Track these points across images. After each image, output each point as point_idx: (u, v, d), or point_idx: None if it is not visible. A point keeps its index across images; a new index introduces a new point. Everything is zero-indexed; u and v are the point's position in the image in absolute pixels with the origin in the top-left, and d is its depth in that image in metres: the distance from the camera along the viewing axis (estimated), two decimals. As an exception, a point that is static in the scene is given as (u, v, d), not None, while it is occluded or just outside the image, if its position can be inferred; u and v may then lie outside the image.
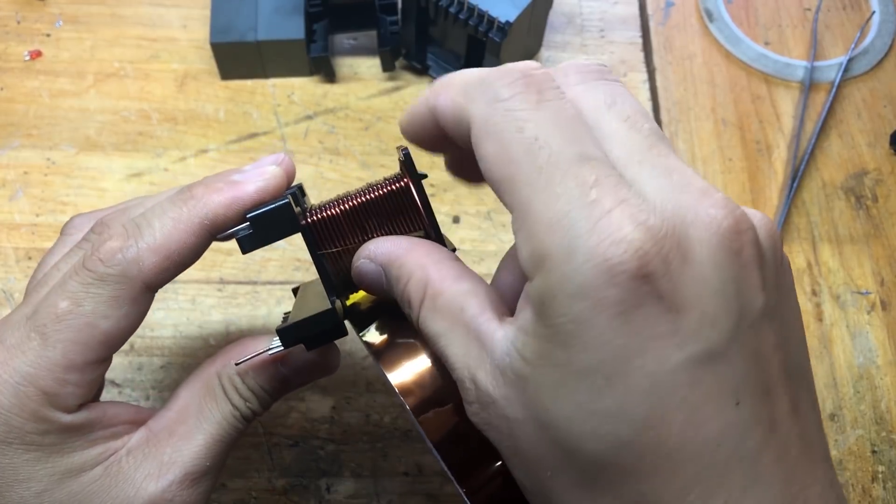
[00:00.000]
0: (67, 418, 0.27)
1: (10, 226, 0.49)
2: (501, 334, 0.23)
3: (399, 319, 0.29)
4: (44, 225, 0.49)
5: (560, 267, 0.20)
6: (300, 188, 0.32)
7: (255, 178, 0.29)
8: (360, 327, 0.30)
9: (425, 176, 0.29)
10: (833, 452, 0.44)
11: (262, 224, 0.28)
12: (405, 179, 0.29)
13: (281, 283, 0.48)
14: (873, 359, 0.46)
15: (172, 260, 0.28)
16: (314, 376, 0.32)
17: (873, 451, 0.44)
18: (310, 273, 0.48)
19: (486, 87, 0.23)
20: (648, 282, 0.20)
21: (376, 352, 0.29)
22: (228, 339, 0.46)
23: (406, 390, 0.27)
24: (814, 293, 0.48)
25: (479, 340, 0.23)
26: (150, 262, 0.27)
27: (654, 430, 0.20)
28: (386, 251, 0.27)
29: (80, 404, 0.28)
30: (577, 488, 0.22)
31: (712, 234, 0.21)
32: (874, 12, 0.59)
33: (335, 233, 0.29)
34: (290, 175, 0.31)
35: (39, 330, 0.27)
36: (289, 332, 0.28)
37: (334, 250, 0.29)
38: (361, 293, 0.31)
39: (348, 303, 0.31)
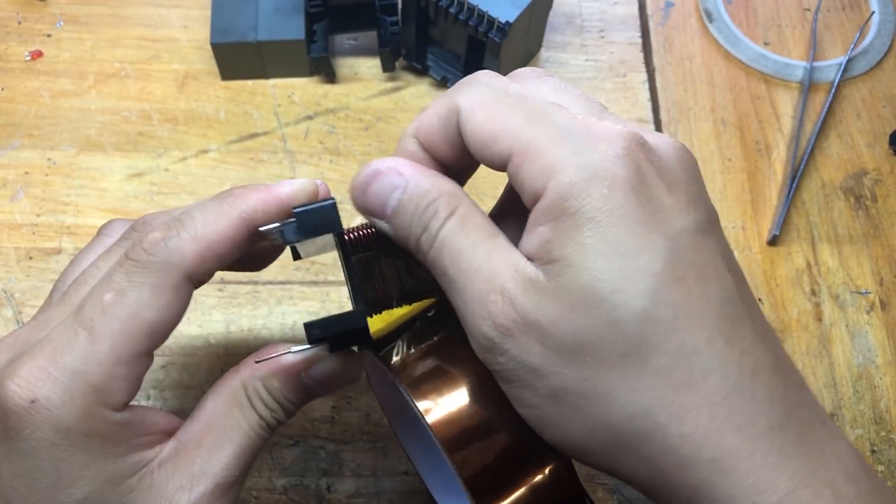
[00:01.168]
0: (116, 416, 0.27)
1: (11, 226, 0.49)
2: (524, 248, 0.25)
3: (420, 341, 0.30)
4: (44, 225, 0.50)
5: (573, 163, 0.24)
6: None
7: (290, 184, 0.30)
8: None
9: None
10: (832, 452, 0.44)
11: (306, 219, 0.29)
12: None
13: (281, 282, 0.48)
14: (872, 359, 0.46)
15: (213, 251, 0.28)
16: (336, 386, 0.31)
17: (872, 451, 0.44)
18: (309, 272, 0.48)
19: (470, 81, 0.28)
20: (648, 163, 0.25)
21: (397, 373, 0.30)
22: (229, 338, 0.46)
23: (429, 411, 0.28)
24: (813, 293, 0.48)
25: (505, 256, 0.25)
26: (191, 251, 0.28)
27: (680, 285, 0.24)
28: (418, 168, 0.28)
29: (126, 402, 0.28)
30: (622, 361, 0.24)
31: (669, 143, 0.27)
32: (874, 12, 0.59)
33: (368, 246, 0.30)
34: (325, 194, 0.31)
35: (86, 325, 0.27)
36: (315, 327, 0.29)
37: (367, 254, 0.30)
38: (378, 320, 0.31)
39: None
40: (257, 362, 0.30)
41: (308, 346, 0.29)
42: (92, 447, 0.27)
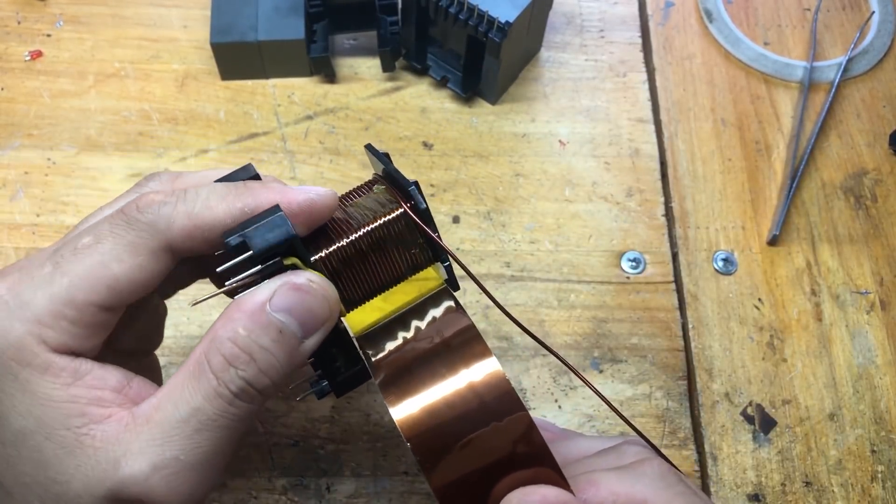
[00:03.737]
0: (53, 356, 0.26)
1: (11, 226, 0.49)
2: None
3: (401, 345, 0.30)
4: (44, 225, 0.50)
5: None
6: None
7: (307, 191, 0.29)
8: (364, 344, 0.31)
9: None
10: (832, 452, 0.44)
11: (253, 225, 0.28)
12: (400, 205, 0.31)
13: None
14: (872, 358, 0.46)
15: (202, 231, 0.28)
16: (312, 316, 0.28)
17: (872, 451, 0.44)
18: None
19: (649, 472, 0.30)
20: None
21: (373, 368, 0.30)
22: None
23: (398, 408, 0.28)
24: (813, 293, 0.48)
25: None
26: (180, 224, 0.27)
27: None
28: None
29: (72, 348, 0.27)
30: None
31: None
32: (874, 12, 0.59)
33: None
34: (333, 206, 0.30)
35: (54, 259, 0.27)
36: (229, 234, 0.27)
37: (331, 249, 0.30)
38: (371, 313, 0.31)
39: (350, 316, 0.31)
40: (193, 305, 0.29)
41: (231, 262, 0.27)
42: (23, 378, 0.26)
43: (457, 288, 0.33)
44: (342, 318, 0.31)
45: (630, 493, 0.29)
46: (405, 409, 0.28)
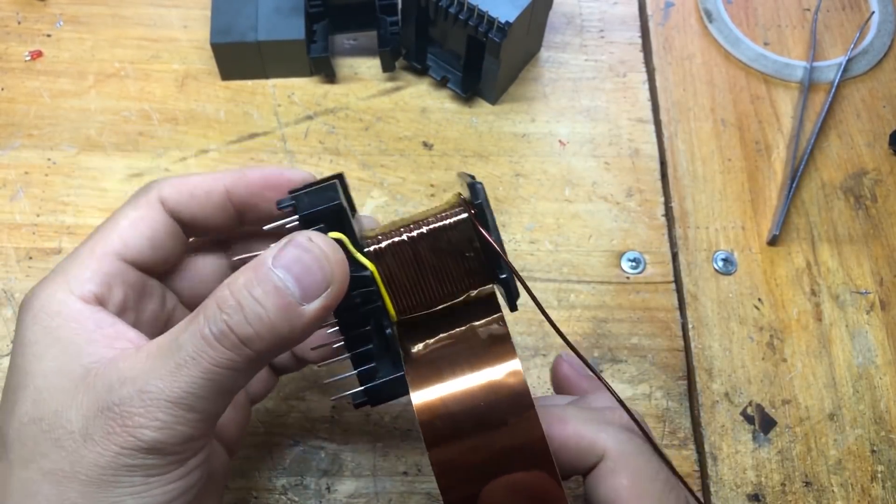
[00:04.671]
0: (76, 305, 0.30)
1: (11, 226, 0.49)
2: None
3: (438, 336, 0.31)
4: (44, 225, 0.50)
5: None
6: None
7: (297, 171, 0.34)
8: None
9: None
10: (832, 452, 0.44)
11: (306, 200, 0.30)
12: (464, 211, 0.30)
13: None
14: (872, 359, 0.46)
15: (189, 190, 0.33)
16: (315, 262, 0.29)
17: (872, 451, 0.44)
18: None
19: (619, 428, 0.32)
20: None
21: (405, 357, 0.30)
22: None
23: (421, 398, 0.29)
24: (813, 293, 0.48)
25: None
26: (168, 184, 0.33)
27: None
28: None
29: (95, 294, 0.30)
30: None
31: None
32: (873, 12, 0.59)
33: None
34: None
35: (87, 238, 0.32)
36: (299, 200, 0.30)
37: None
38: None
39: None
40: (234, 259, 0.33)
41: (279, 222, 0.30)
42: (53, 326, 0.29)
43: (514, 308, 0.32)
44: (388, 321, 0.31)
45: (592, 440, 0.31)
46: (423, 395, 0.29)
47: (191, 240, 0.35)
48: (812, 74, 0.56)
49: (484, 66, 0.52)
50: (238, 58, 0.53)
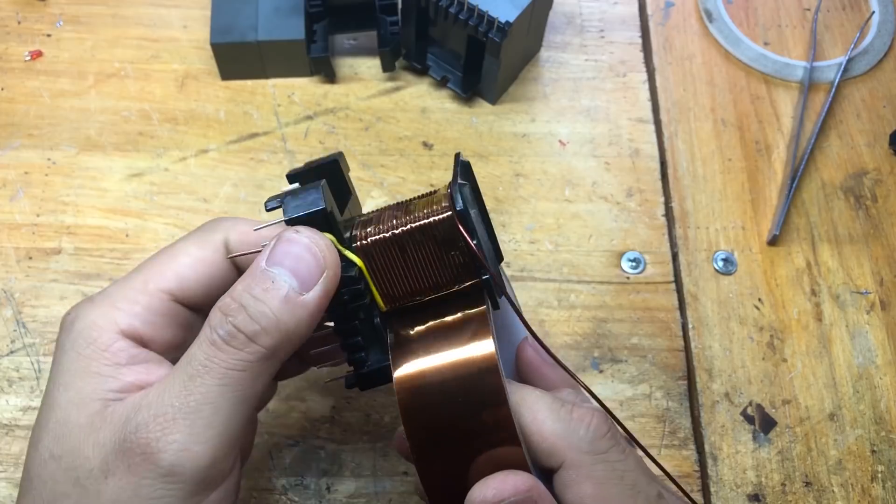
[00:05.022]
0: (114, 337, 0.29)
1: (11, 226, 0.49)
2: None
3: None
4: (44, 225, 0.50)
5: None
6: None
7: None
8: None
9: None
10: (833, 452, 0.44)
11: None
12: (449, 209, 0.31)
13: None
14: (872, 359, 0.46)
15: (257, 246, 0.31)
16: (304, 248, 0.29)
17: (873, 451, 0.44)
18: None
19: (581, 432, 0.30)
20: None
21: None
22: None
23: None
24: (813, 293, 0.48)
25: None
26: (239, 228, 0.32)
27: None
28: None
29: (140, 336, 0.29)
30: None
31: None
32: (874, 12, 0.59)
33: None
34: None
35: (141, 265, 0.32)
36: (270, 200, 0.30)
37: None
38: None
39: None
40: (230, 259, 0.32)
41: (268, 223, 0.30)
42: (85, 354, 0.29)
43: (496, 306, 0.32)
44: (377, 311, 0.31)
45: (554, 445, 0.30)
46: (403, 371, 0.30)
47: None
48: (812, 74, 0.56)
49: (484, 66, 0.52)
50: (238, 58, 0.53)
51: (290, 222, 0.30)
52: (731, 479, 0.43)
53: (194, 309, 0.32)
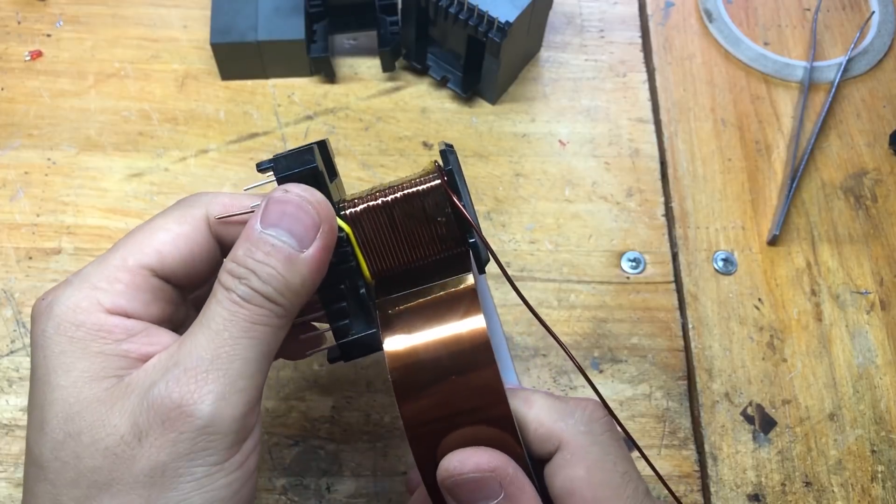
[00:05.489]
0: (103, 317, 0.28)
1: (11, 226, 0.49)
2: None
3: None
4: (44, 225, 0.50)
5: None
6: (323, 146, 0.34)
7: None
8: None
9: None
10: (832, 452, 0.44)
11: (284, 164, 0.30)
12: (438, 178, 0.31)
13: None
14: (872, 359, 0.46)
15: (240, 219, 0.31)
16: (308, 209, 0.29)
17: (872, 451, 0.44)
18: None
19: (578, 415, 0.30)
20: None
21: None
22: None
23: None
24: (813, 293, 0.48)
25: None
26: (221, 200, 0.32)
27: None
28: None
29: (126, 309, 0.29)
30: None
31: None
32: (874, 12, 0.59)
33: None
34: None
35: (118, 243, 0.31)
36: (264, 163, 0.31)
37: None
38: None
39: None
40: (217, 218, 0.31)
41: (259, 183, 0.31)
42: (78, 337, 0.28)
43: (482, 271, 0.33)
44: (363, 282, 0.32)
45: (550, 429, 0.30)
46: (394, 346, 0.30)
47: None
48: (812, 74, 0.56)
49: (484, 66, 0.52)
50: (238, 58, 0.53)
51: (281, 181, 0.30)
52: (731, 479, 0.43)
53: (176, 284, 0.31)
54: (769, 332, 0.47)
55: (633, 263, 0.49)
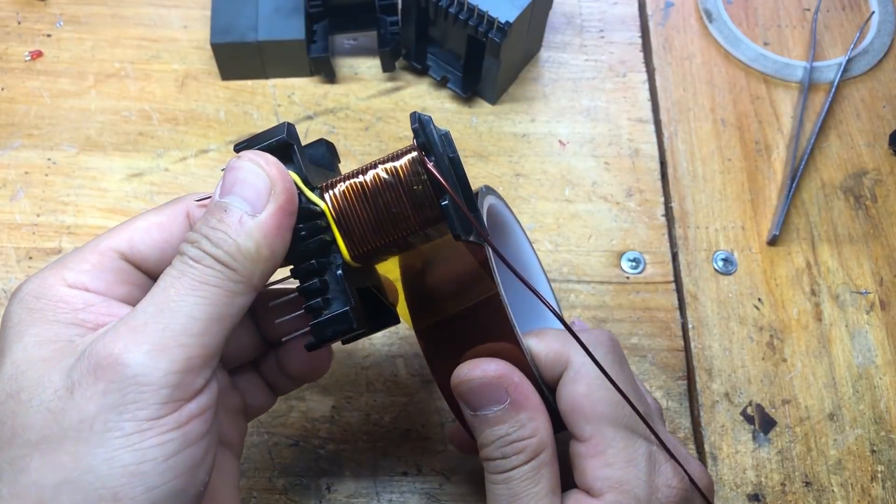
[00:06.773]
0: (64, 290, 0.29)
1: (11, 226, 0.49)
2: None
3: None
4: (44, 225, 0.50)
5: (633, 492, 0.31)
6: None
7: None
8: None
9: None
10: (832, 452, 0.44)
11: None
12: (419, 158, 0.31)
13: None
14: (872, 358, 0.46)
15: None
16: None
17: (872, 451, 0.44)
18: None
19: (584, 337, 0.32)
20: None
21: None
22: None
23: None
24: (813, 293, 0.48)
25: None
26: (202, 193, 0.32)
27: None
28: (526, 391, 0.33)
29: (87, 284, 0.29)
30: None
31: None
32: (873, 12, 0.59)
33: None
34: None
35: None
36: (251, 141, 0.31)
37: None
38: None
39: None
40: (197, 200, 0.32)
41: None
42: (37, 308, 0.28)
43: (458, 237, 0.30)
44: (341, 262, 0.31)
45: (559, 351, 0.33)
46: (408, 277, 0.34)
47: None
48: (812, 74, 0.56)
49: (484, 66, 0.52)
50: (238, 58, 0.54)
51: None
52: (731, 479, 0.43)
53: (147, 271, 0.31)
54: (769, 332, 0.47)
55: (633, 263, 0.49)
